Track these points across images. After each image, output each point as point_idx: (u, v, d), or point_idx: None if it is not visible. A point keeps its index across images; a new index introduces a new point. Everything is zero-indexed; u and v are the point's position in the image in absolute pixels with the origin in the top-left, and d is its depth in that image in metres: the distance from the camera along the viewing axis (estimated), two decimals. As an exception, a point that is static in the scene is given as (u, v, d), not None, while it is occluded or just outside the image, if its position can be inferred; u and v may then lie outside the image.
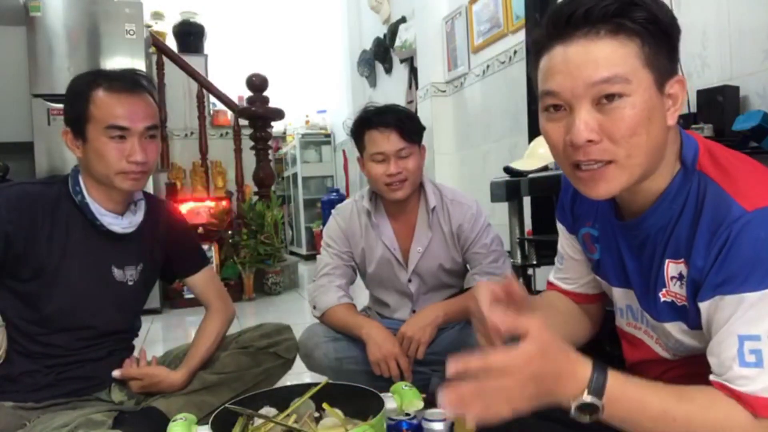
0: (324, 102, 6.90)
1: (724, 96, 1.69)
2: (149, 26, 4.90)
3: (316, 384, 1.24)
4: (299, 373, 1.86)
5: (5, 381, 1.30)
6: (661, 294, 0.84)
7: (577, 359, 0.73)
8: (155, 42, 4.45)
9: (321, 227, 5.63)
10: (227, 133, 5.33)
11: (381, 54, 5.13)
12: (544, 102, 0.80)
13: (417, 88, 4.24)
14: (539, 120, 0.83)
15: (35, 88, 3.58)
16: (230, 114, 5.04)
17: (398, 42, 4.49)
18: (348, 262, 1.77)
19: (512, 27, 3.13)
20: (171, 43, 5.26)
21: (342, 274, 1.75)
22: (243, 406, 1.16)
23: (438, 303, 1.67)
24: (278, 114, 4.42)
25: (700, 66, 1.92)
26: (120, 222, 1.36)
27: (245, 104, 4.50)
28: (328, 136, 6.83)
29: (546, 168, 2.03)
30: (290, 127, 7.08)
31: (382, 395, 1.18)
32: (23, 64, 3.59)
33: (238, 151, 4.60)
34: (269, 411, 1.20)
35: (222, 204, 4.37)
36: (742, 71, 1.79)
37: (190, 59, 4.74)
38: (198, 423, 1.16)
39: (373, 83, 5.50)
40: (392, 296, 1.80)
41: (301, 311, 3.65)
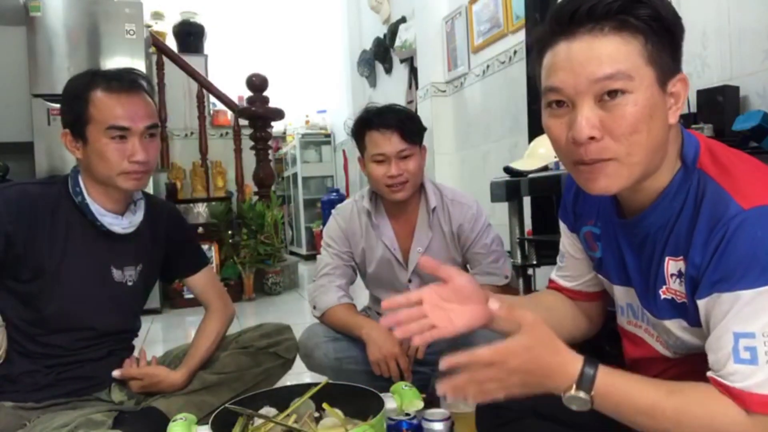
0: (324, 102, 6.90)
1: (724, 96, 1.69)
2: (149, 26, 4.90)
3: (316, 384, 1.24)
4: (299, 373, 1.86)
5: (5, 381, 1.30)
6: (661, 291, 0.85)
7: (568, 354, 0.78)
8: (155, 42, 4.45)
9: (321, 227, 5.63)
10: (227, 133, 5.33)
11: (381, 54, 5.13)
12: (547, 98, 0.81)
13: (417, 88, 4.23)
14: (542, 116, 0.84)
15: (35, 88, 3.58)
16: (230, 114, 5.04)
17: (398, 42, 4.49)
18: (348, 262, 1.77)
19: (512, 27, 3.12)
20: (171, 43, 5.26)
21: (342, 274, 1.75)
22: (243, 406, 1.16)
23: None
24: (278, 114, 4.42)
25: (700, 66, 1.92)
26: (120, 222, 1.35)
27: (245, 104, 4.50)
28: (328, 136, 6.83)
29: (546, 168, 2.02)
30: (290, 127, 7.08)
31: (382, 395, 1.19)
32: (23, 64, 3.59)
33: (238, 151, 4.60)
34: (269, 411, 1.20)
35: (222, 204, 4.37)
36: (742, 71, 1.79)
37: (190, 59, 4.74)
38: (198, 423, 1.17)
39: (373, 83, 5.50)
40: (392, 296, 1.79)
41: (301, 311, 3.65)
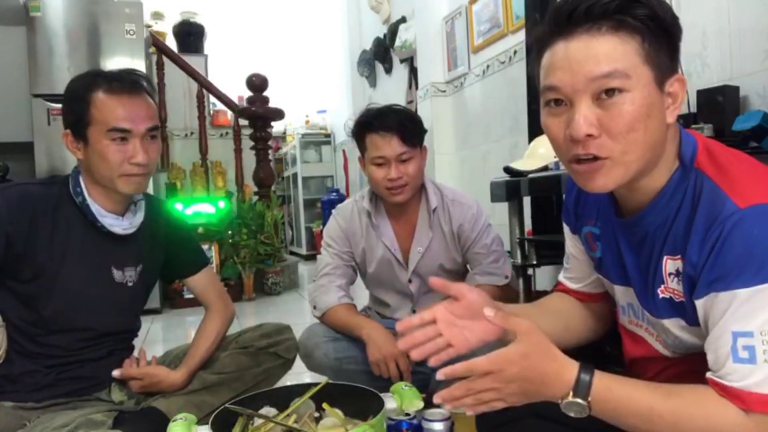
0: (324, 102, 6.90)
1: (724, 96, 1.69)
2: (149, 26, 4.90)
3: (316, 384, 1.24)
4: (299, 373, 1.86)
5: (5, 381, 1.30)
6: (660, 290, 0.85)
7: (564, 361, 0.78)
8: (155, 42, 4.45)
9: (321, 227, 5.63)
10: (227, 133, 5.33)
11: (381, 54, 5.13)
12: (546, 97, 0.82)
13: (417, 88, 4.23)
14: (541, 115, 0.85)
15: (35, 88, 3.58)
16: (230, 114, 5.04)
17: (398, 42, 4.49)
18: (348, 262, 1.77)
19: (512, 27, 3.12)
20: (171, 43, 5.26)
21: (342, 274, 1.75)
22: (243, 406, 1.16)
23: (438, 303, 1.66)
24: (278, 114, 4.42)
25: (700, 66, 1.92)
26: (121, 223, 1.35)
27: (245, 104, 4.50)
28: (328, 136, 6.83)
29: (546, 168, 2.02)
30: (290, 127, 7.08)
31: (382, 395, 1.19)
32: (23, 64, 3.59)
33: (238, 151, 4.60)
34: (269, 411, 1.20)
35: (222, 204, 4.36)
36: (742, 71, 1.79)
37: (190, 59, 4.74)
38: (198, 423, 1.17)
39: (373, 83, 5.50)
40: (392, 296, 1.80)
41: (301, 311, 3.65)
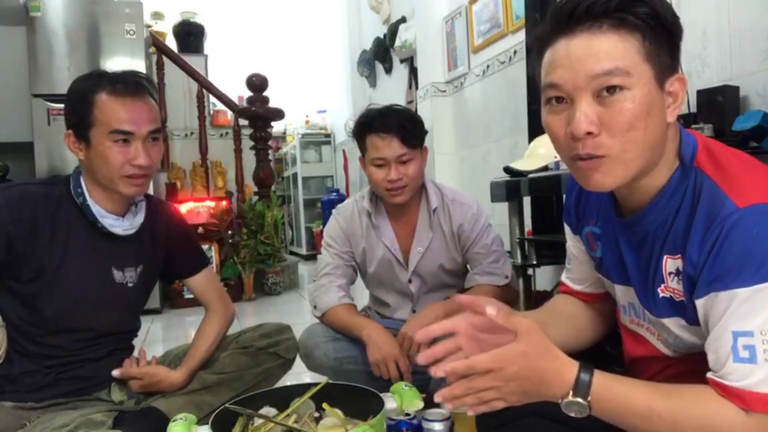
0: (324, 102, 6.90)
1: (724, 96, 1.69)
2: (149, 26, 4.90)
3: (316, 384, 1.24)
4: (299, 373, 1.86)
5: (5, 381, 1.30)
6: (660, 290, 0.85)
7: (563, 361, 0.78)
8: (155, 42, 4.45)
9: (321, 227, 5.63)
10: (227, 133, 5.32)
11: (381, 54, 5.13)
12: (547, 94, 0.82)
13: (417, 88, 4.23)
14: (542, 113, 0.84)
15: (35, 88, 3.58)
16: (230, 114, 5.04)
17: (398, 42, 4.49)
18: (349, 262, 1.77)
19: (512, 27, 3.12)
20: (171, 43, 5.26)
21: (343, 274, 1.75)
22: (243, 406, 1.16)
23: (438, 302, 1.66)
24: (278, 114, 4.42)
25: (700, 66, 1.92)
26: (121, 224, 1.36)
27: (245, 104, 4.50)
28: (328, 136, 6.83)
29: (546, 168, 2.02)
30: (290, 127, 7.08)
31: (382, 395, 1.19)
32: (23, 64, 3.59)
33: (238, 151, 4.60)
34: (269, 411, 1.20)
35: (222, 204, 4.37)
36: (742, 71, 1.79)
37: (190, 59, 4.74)
38: (198, 423, 1.16)
39: (373, 83, 5.50)
40: (392, 296, 1.80)
41: (301, 311, 3.65)
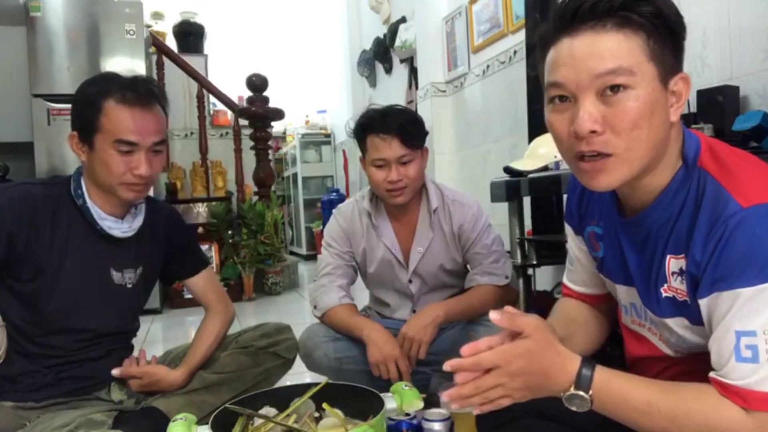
0: (324, 102, 6.90)
1: (724, 96, 1.69)
2: (149, 26, 4.90)
3: (316, 384, 1.24)
4: (299, 373, 1.86)
5: (5, 381, 1.30)
6: (663, 290, 0.85)
7: (566, 355, 0.80)
8: (155, 42, 4.45)
9: (321, 227, 5.63)
10: (227, 133, 5.32)
11: (381, 54, 5.13)
12: (550, 93, 0.81)
13: (417, 88, 4.23)
14: (545, 112, 0.84)
15: (35, 88, 3.58)
16: (230, 114, 5.04)
17: (398, 42, 4.49)
18: (349, 262, 1.77)
19: (512, 27, 3.12)
20: (171, 43, 5.26)
21: (343, 274, 1.75)
22: (243, 406, 1.16)
23: (438, 302, 1.66)
24: (278, 114, 4.42)
25: (700, 66, 1.92)
26: (120, 226, 1.36)
27: (245, 104, 4.50)
28: (328, 136, 6.83)
29: (546, 168, 2.02)
30: (290, 127, 7.08)
31: (382, 395, 1.19)
32: (23, 64, 3.59)
33: (238, 151, 4.60)
34: (269, 411, 1.20)
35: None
36: (742, 71, 1.79)
37: (190, 59, 4.74)
38: (198, 423, 1.16)
39: (373, 83, 5.50)
40: (393, 296, 1.80)
41: (301, 311, 3.65)
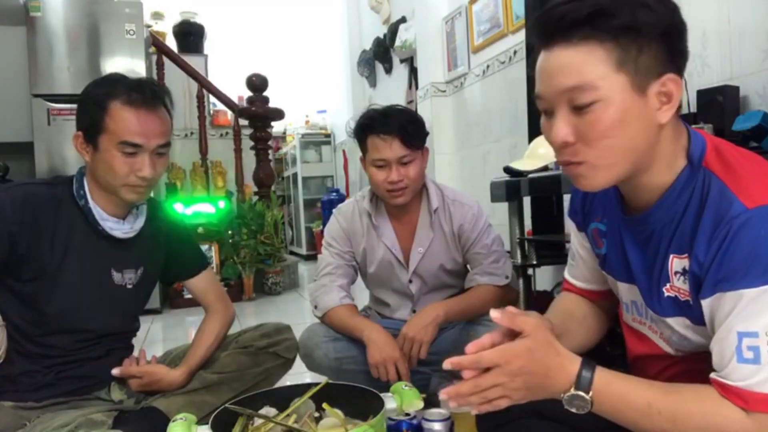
0: (324, 102, 6.90)
1: (724, 96, 1.69)
2: (149, 26, 4.90)
3: (316, 384, 1.24)
4: (299, 373, 1.86)
5: (5, 381, 1.30)
6: (665, 289, 0.85)
7: (567, 356, 0.80)
8: (155, 42, 4.44)
9: (321, 227, 5.63)
10: (227, 133, 5.32)
11: (381, 54, 5.13)
12: (537, 103, 0.85)
13: (417, 88, 4.23)
14: (541, 118, 0.86)
15: (35, 88, 3.58)
16: (230, 114, 5.04)
17: (398, 42, 4.49)
18: (349, 262, 1.77)
19: (512, 27, 3.12)
20: (171, 43, 5.26)
21: (343, 274, 1.75)
22: (243, 406, 1.16)
23: (438, 302, 1.66)
24: (278, 114, 4.42)
25: (700, 66, 1.92)
26: (122, 227, 1.36)
27: (245, 104, 4.50)
28: (328, 136, 6.83)
29: (546, 168, 2.03)
30: (290, 127, 7.08)
31: (382, 395, 1.19)
32: (23, 64, 3.59)
33: (238, 151, 4.59)
34: (269, 411, 1.20)
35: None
36: (742, 71, 1.79)
37: (190, 59, 4.73)
38: (198, 423, 1.16)
39: (373, 83, 5.50)
40: (393, 296, 1.80)
41: (301, 311, 3.65)
